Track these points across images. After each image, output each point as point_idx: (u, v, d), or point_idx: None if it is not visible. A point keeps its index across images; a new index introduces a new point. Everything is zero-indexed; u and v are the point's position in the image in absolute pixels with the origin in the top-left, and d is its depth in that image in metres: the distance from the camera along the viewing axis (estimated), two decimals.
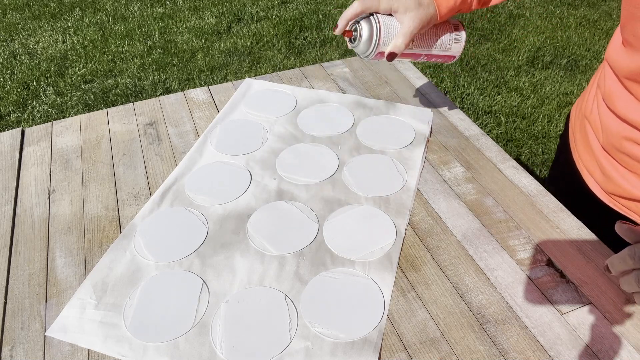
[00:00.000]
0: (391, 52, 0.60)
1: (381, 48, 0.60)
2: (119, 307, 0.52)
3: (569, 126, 0.73)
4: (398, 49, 0.59)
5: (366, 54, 0.61)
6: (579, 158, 0.67)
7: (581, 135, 0.67)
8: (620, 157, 0.58)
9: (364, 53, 0.61)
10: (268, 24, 2.78)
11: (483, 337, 0.49)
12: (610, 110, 0.58)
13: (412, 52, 0.64)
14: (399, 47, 0.59)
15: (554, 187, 0.69)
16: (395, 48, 0.59)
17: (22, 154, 0.75)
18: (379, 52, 0.60)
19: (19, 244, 0.60)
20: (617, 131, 0.57)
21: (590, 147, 0.63)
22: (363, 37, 0.59)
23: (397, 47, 0.59)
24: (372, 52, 0.60)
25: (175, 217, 0.62)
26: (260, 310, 0.51)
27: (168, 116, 0.82)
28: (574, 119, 0.71)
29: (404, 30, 0.59)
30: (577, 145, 0.68)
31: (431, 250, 0.58)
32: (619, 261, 0.42)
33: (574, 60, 2.41)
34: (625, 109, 0.54)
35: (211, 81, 2.31)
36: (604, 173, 0.61)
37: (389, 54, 0.60)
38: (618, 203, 0.61)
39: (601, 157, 0.61)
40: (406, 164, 0.70)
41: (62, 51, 2.57)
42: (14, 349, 0.49)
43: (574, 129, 0.70)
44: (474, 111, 2.09)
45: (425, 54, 0.65)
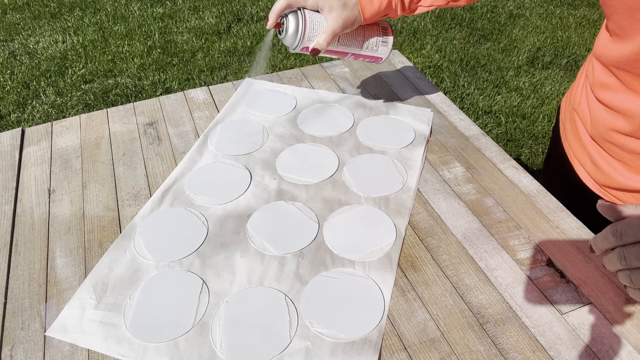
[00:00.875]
0: (314, 48, 0.62)
1: (306, 43, 0.62)
2: (119, 307, 0.52)
3: (560, 119, 0.74)
4: (320, 46, 0.62)
5: (292, 47, 0.63)
6: (569, 149, 0.68)
7: (571, 126, 0.68)
8: (608, 147, 0.59)
9: (290, 45, 0.63)
10: None
11: (483, 337, 0.49)
12: (598, 101, 0.59)
13: (338, 49, 0.66)
14: (321, 45, 0.62)
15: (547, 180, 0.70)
16: (317, 45, 0.62)
17: (22, 154, 0.75)
18: (303, 46, 0.62)
19: (19, 244, 0.60)
20: (605, 121, 0.57)
21: (580, 138, 0.64)
22: (289, 31, 0.61)
23: (319, 44, 0.62)
24: (298, 46, 0.62)
25: (175, 217, 0.62)
26: (260, 310, 0.51)
27: (168, 116, 0.82)
28: (564, 111, 0.72)
29: (326, 28, 0.61)
30: (567, 137, 0.69)
31: (431, 250, 0.58)
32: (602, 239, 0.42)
33: (574, 60, 2.41)
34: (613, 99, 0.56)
35: (211, 81, 2.31)
36: (593, 163, 0.62)
37: (312, 49, 0.62)
38: (608, 194, 0.62)
39: (590, 148, 0.62)
40: (406, 164, 0.70)
41: (62, 51, 2.57)
42: (14, 349, 0.49)
43: (564, 121, 0.71)
44: (474, 111, 2.09)
45: (352, 53, 0.67)
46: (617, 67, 0.54)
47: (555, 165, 0.75)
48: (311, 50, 0.63)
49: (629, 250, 0.39)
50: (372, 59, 0.69)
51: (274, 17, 0.62)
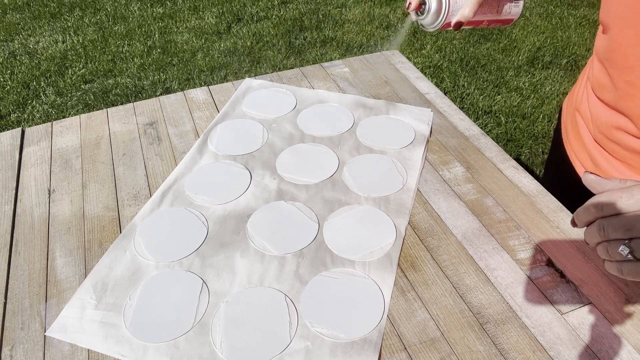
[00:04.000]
0: (458, 22, 0.60)
1: (449, 18, 0.61)
2: (119, 307, 0.52)
3: (561, 119, 0.74)
4: (466, 17, 0.59)
5: (433, 25, 0.61)
6: (571, 150, 0.68)
7: (572, 127, 0.67)
8: (610, 146, 0.59)
9: (430, 25, 0.62)
10: (268, 24, 2.78)
11: (483, 337, 0.49)
12: (599, 100, 0.59)
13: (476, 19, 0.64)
14: (467, 16, 0.59)
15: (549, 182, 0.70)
16: (462, 17, 0.60)
17: (22, 154, 0.75)
18: (447, 22, 0.61)
19: (19, 244, 0.60)
20: (607, 120, 0.58)
21: (582, 139, 0.64)
22: (432, 9, 0.60)
23: (465, 16, 0.59)
24: (440, 22, 0.61)
25: (175, 217, 0.62)
26: (260, 310, 0.51)
27: (168, 116, 0.82)
28: (565, 112, 0.72)
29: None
30: (569, 138, 0.69)
31: (431, 250, 0.58)
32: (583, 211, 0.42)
33: (574, 60, 2.41)
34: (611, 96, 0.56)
35: (211, 81, 2.31)
36: (595, 164, 0.62)
37: (456, 23, 0.60)
38: None
39: (592, 148, 0.62)
40: (406, 164, 0.70)
41: (62, 51, 2.57)
42: (14, 349, 0.49)
43: (565, 121, 0.71)
44: (474, 111, 2.09)
45: (488, 19, 0.64)
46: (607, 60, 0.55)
47: (556, 166, 0.75)
48: (455, 23, 0.60)
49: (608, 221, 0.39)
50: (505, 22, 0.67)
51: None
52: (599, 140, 0.60)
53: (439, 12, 0.60)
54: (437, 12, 0.60)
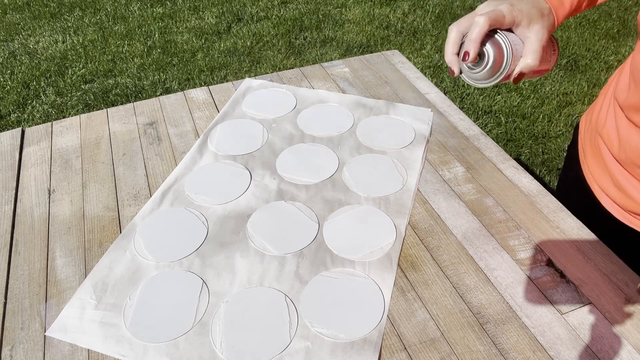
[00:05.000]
0: (521, 74, 0.50)
1: (510, 70, 0.50)
2: (119, 307, 0.52)
3: (579, 139, 0.69)
4: (529, 68, 0.49)
5: (488, 80, 0.50)
6: (589, 173, 0.65)
7: (592, 150, 0.64)
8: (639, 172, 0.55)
9: (486, 79, 0.50)
10: (268, 24, 2.78)
11: (483, 337, 0.49)
12: (632, 124, 0.55)
13: None
14: (531, 67, 0.49)
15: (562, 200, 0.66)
16: (526, 68, 0.49)
17: (22, 154, 0.75)
18: (507, 74, 0.50)
19: (19, 244, 0.60)
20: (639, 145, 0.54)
21: (604, 163, 0.60)
22: (490, 62, 0.48)
23: (529, 66, 0.49)
24: (500, 76, 0.50)
25: (175, 217, 0.62)
26: (260, 310, 0.51)
27: (168, 116, 0.82)
28: (583, 131, 0.68)
29: (533, 46, 0.49)
30: (587, 160, 0.65)
31: (431, 250, 0.58)
32: None
33: (574, 60, 2.41)
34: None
35: (211, 81, 2.31)
36: (619, 189, 0.59)
37: (519, 75, 0.50)
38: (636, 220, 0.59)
39: (617, 173, 0.58)
40: (406, 164, 0.70)
41: (62, 51, 2.57)
42: (14, 349, 0.49)
43: (583, 142, 0.67)
44: (474, 111, 2.09)
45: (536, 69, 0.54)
46: None
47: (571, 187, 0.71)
48: (516, 76, 0.50)
49: None
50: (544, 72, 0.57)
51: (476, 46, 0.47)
52: (627, 165, 0.56)
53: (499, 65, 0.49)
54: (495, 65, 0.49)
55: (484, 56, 0.49)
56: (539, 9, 0.50)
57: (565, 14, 0.54)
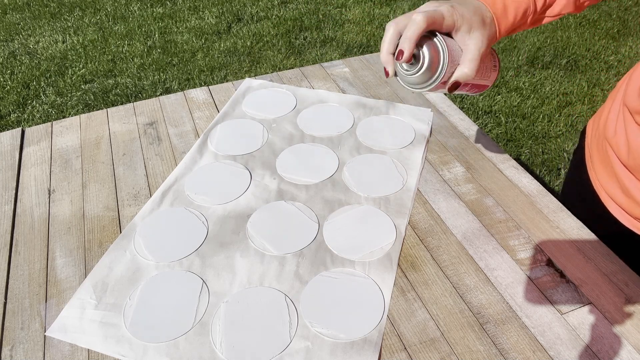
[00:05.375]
0: (456, 82, 0.47)
1: (444, 78, 0.47)
2: (119, 307, 0.52)
3: (585, 144, 0.68)
4: (466, 77, 0.47)
5: (423, 85, 0.48)
6: (596, 179, 0.64)
7: (599, 155, 0.63)
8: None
9: (420, 84, 0.48)
10: (268, 24, 2.78)
11: (483, 337, 0.49)
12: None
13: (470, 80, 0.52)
14: (467, 76, 0.47)
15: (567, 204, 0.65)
16: (462, 76, 0.47)
17: (22, 154, 0.75)
18: (442, 81, 0.47)
19: (19, 244, 0.60)
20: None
21: (612, 169, 0.59)
22: (425, 64, 0.46)
23: (466, 75, 0.46)
24: (434, 85, 0.47)
25: (175, 217, 0.62)
26: (260, 310, 0.51)
27: (168, 116, 0.82)
28: (590, 137, 0.67)
29: (471, 54, 0.46)
30: (594, 166, 0.65)
31: (431, 250, 0.58)
32: None
33: (574, 60, 2.41)
34: None
35: (211, 81, 2.31)
36: (628, 196, 0.58)
37: (453, 83, 0.47)
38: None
39: (625, 180, 0.57)
40: (406, 164, 0.70)
41: (62, 51, 2.57)
42: (14, 349, 0.49)
43: (590, 147, 0.66)
44: (474, 111, 2.09)
45: (471, 83, 0.52)
46: None
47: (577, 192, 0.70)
48: (452, 84, 0.47)
49: None
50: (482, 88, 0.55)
51: (411, 45, 0.44)
52: (636, 172, 0.55)
53: (434, 69, 0.46)
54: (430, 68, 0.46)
55: (419, 58, 0.46)
56: (481, 17, 0.48)
57: (507, 26, 0.52)
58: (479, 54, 0.47)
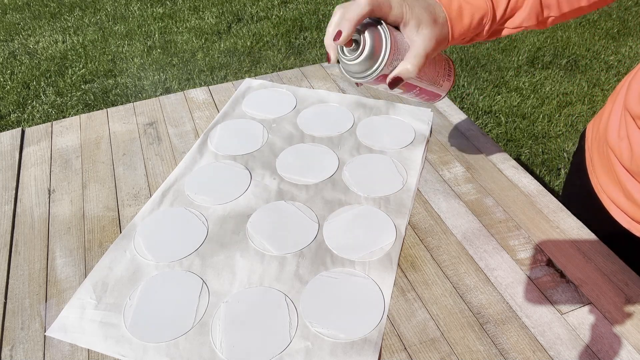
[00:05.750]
0: (397, 77, 0.45)
1: (386, 69, 0.45)
2: (119, 307, 0.52)
3: (585, 147, 0.68)
4: (408, 73, 0.45)
5: (363, 75, 0.45)
6: (597, 182, 0.63)
7: (600, 159, 0.62)
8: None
9: (358, 73, 0.45)
10: (268, 24, 2.78)
11: (483, 337, 0.49)
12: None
13: (411, 81, 0.49)
14: (409, 72, 0.45)
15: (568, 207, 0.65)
16: (404, 72, 0.45)
17: (22, 154, 0.75)
18: (382, 74, 0.45)
19: (19, 244, 0.60)
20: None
21: (614, 173, 0.59)
22: (365, 52, 0.43)
23: (408, 71, 0.44)
24: (374, 75, 0.45)
25: (175, 217, 0.62)
26: (260, 310, 0.51)
27: (168, 116, 0.82)
28: (590, 140, 0.66)
29: (416, 50, 0.44)
30: (595, 169, 0.64)
31: (431, 250, 0.58)
32: None
33: (574, 60, 2.41)
34: None
35: (211, 81, 2.31)
36: (631, 200, 0.57)
37: (393, 78, 0.45)
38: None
39: (628, 184, 0.57)
40: (406, 164, 0.70)
41: (62, 51, 2.57)
42: (14, 349, 0.49)
43: (590, 150, 0.66)
44: (474, 111, 2.09)
45: (420, 87, 0.50)
46: None
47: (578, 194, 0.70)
48: (392, 79, 0.45)
49: None
50: (433, 96, 0.54)
51: (350, 27, 0.42)
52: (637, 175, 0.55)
53: (375, 57, 0.43)
54: (371, 57, 0.43)
55: (359, 43, 0.43)
56: (433, 15, 0.46)
57: (462, 31, 0.49)
58: (424, 52, 0.45)
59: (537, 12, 0.52)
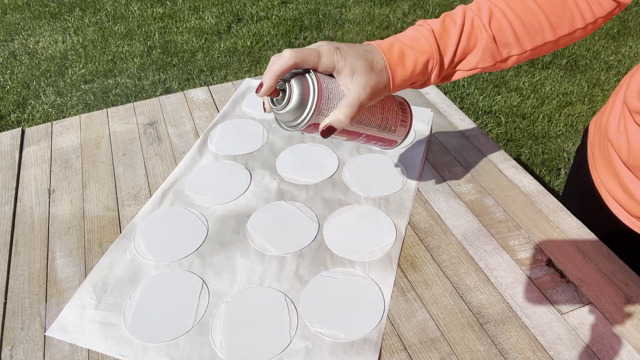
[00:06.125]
0: (329, 127, 0.44)
1: (315, 119, 0.44)
2: (119, 307, 0.52)
3: (587, 142, 0.68)
4: (339, 123, 0.44)
5: (293, 124, 0.44)
6: (597, 177, 0.64)
7: (601, 154, 0.63)
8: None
9: (289, 122, 0.44)
10: (268, 24, 2.78)
11: (483, 337, 0.49)
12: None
13: (352, 129, 0.48)
14: (341, 122, 0.44)
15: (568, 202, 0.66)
16: (336, 122, 0.44)
17: (22, 154, 0.75)
18: (312, 122, 0.44)
19: (19, 244, 0.60)
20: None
21: (613, 167, 0.59)
22: (292, 101, 0.42)
23: (339, 121, 0.44)
24: (303, 123, 0.43)
25: (175, 217, 0.62)
26: (260, 310, 0.51)
27: (168, 116, 0.82)
28: (592, 135, 0.67)
29: (349, 99, 0.43)
30: (596, 164, 0.64)
31: (431, 250, 0.58)
32: None
33: (574, 60, 2.41)
34: None
35: (211, 81, 2.31)
36: (628, 194, 0.58)
37: (326, 128, 0.44)
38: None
39: (625, 178, 0.57)
40: (406, 164, 0.70)
41: (62, 51, 2.57)
42: (14, 349, 0.49)
43: (592, 145, 0.66)
44: (474, 111, 2.09)
45: (366, 134, 0.50)
46: None
47: (579, 189, 0.70)
48: (324, 128, 0.44)
49: None
50: (386, 142, 0.53)
51: (271, 79, 0.42)
52: (636, 171, 0.55)
53: (303, 107, 0.43)
54: (299, 106, 0.43)
55: (285, 93, 0.43)
56: (369, 62, 0.45)
57: (405, 77, 0.48)
58: (357, 101, 0.44)
59: (492, 52, 0.50)
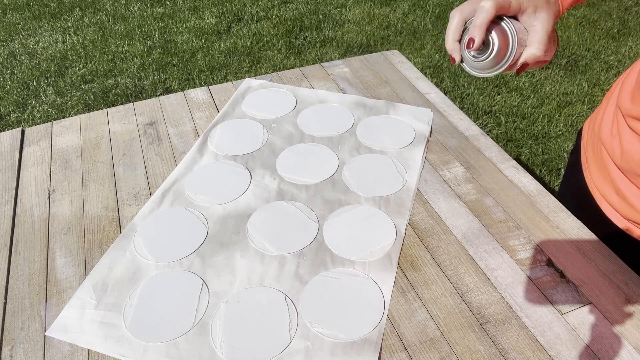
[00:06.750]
0: (525, 63, 0.48)
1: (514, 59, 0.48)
2: (119, 307, 0.52)
3: (581, 145, 0.69)
4: (534, 58, 0.47)
5: (493, 70, 0.48)
6: (591, 180, 0.64)
7: (594, 156, 0.63)
8: None
9: (488, 69, 0.48)
10: (268, 24, 2.78)
11: (483, 337, 0.49)
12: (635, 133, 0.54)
13: None
14: (536, 57, 0.47)
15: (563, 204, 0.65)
16: (531, 57, 0.47)
17: (22, 154, 0.75)
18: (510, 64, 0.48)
19: (19, 244, 0.60)
20: None
21: (606, 170, 0.60)
22: (494, 50, 0.46)
23: (534, 56, 0.47)
24: (504, 66, 0.48)
25: (175, 217, 0.62)
26: (260, 310, 0.51)
27: (168, 116, 0.82)
28: (586, 137, 0.67)
29: (539, 35, 0.47)
30: (589, 167, 0.65)
31: (431, 250, 0.58)
32: None
33: (574, 60, 2.41)
34: None
35: (211, 81, 2.31)
36: (621, 197, 0.58)
37: (522, 64, 0.48)
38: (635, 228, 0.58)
39: (618, 181, 0.57)
40: (406, 164, 0.70)
41: (62, 51, 2.57)
42: (14, 349, 0.49)
43: (586, 148, 0.66)
44: (474, 111, 2.09)
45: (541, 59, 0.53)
46: None
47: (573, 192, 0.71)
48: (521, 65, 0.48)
49: None
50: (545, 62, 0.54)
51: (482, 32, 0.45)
52: (628, 173, 0.55)
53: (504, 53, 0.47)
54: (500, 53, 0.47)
55: (488, 44, 0.46)
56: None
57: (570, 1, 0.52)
58: (546, 35, 0.47)
59: None
